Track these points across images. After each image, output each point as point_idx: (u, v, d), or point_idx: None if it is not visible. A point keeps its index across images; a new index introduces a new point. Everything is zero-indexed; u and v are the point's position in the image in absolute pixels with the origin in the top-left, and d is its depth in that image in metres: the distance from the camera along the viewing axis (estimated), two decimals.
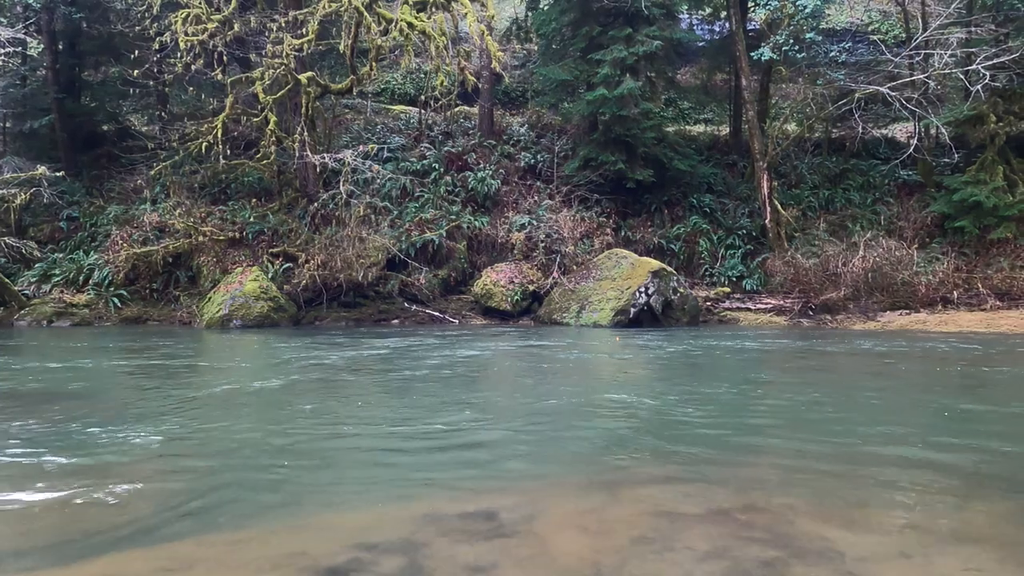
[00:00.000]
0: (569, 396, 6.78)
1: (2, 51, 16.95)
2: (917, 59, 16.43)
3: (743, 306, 15.63)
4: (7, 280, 15.29)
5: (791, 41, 15.92)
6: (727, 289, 16.27)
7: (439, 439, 4.77)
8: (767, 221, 16.82)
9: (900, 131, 19.75)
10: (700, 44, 22.15)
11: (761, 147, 17.18)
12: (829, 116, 18.11)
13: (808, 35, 15.81)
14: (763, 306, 15.47)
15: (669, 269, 14.99)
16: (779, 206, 17.03)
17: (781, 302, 15.34)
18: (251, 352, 10.43)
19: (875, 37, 18.98)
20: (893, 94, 15.69)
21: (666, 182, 17.89)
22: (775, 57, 16.27)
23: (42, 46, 19.22)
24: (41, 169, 16.62)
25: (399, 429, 5.01)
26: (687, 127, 22.21)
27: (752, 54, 16.74)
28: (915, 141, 16.08)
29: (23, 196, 16.86)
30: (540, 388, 7.33)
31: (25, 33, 18.07)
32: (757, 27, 19.02)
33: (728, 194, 18.60)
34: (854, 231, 16.43)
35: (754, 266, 16.67)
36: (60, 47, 18.95)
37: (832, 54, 16.97)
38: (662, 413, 5.83)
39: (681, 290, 14.78)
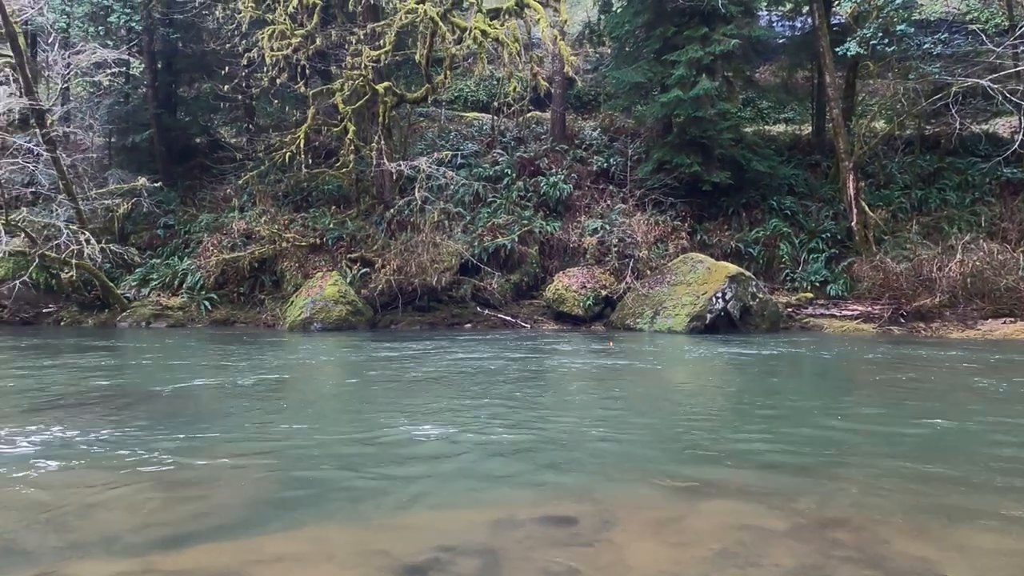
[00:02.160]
0: (643, 402, 6.66)
1: (109, 71, 18.26)
2: (1022, 49, 15.28)
3: (827, 312, 14.94)
4: (111, 284, 16.43)
5: (880, 34, 15.11)
6: (810, 295, 15.59)
7: (513, 442, 4.77)
8: (853, 223, 16.02)
9: (1003, 126, 18.42)
10: (780, 41, 21.38)
11: (847, 146, 16.40)
12: (922, 112, 17.08)
13: (899, 27, 14.96)
14: (849, 312, 14.73)
15: (747, 274, 14.52)
16: (866, 207, 16.19)
17: (869, 308, 14.56)
18: (331, 354, 10.78)
19: (974, 27, 17.73)
20: (995, 87, 14.65)
21: (744, 184, 17.34)
22: (862, 52, 15.49)
23: (143, 65, 20.58)
24: (141, 180, 17.82)
25: (473, 432, 5.04)
26: (766, 127, 21.48)
27: (837, 49, 16.00)
28: (1020, 136, 14.95)
29: (126, 206, 18.10)
30: (614, 394, 7.23)
31: (128, 54, 19.41)
32: (842, 21, 18.16)
33: (811, 196, 17.84)
34: (950, 233, 15.42)
35: (839, 271, 15.90)
36: (159, 66, 20.24)
37: (926, 46, 15.94)
38: (740, 422, 5.63)
39: (760, 295, 14.27)
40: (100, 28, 19.08)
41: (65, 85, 19.84)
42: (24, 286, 15.41)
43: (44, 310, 16.46)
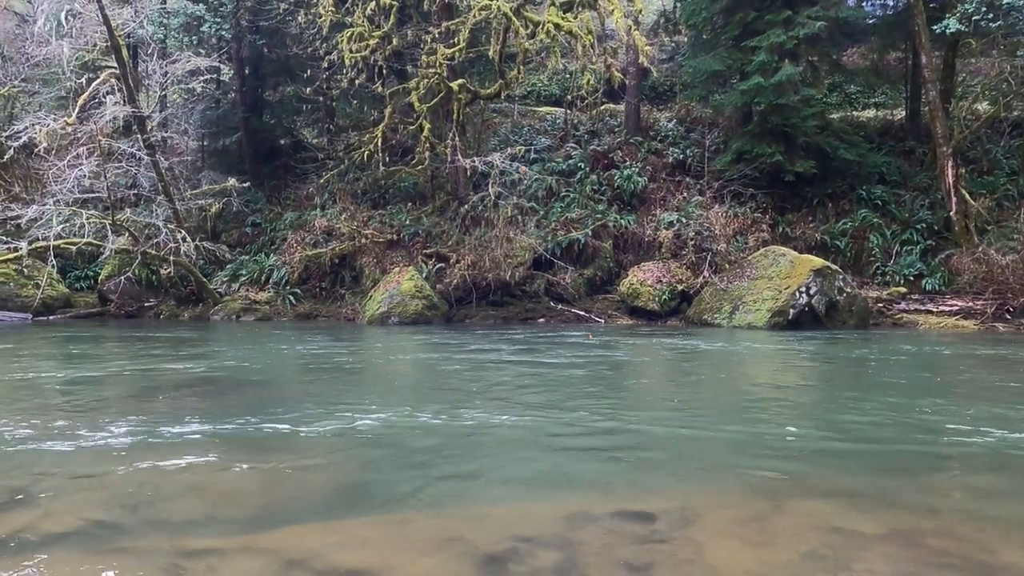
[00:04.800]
0: (724, 399, 6.47)
1: (202, 78, 19.30)
2: None
3: (922, 308, 14.07)
4: (204, 280, 17.40)
5: (983, 9, 14.07)
6: (903, 289, 14.73)
7: (590, 436, 4.74)
8: (952, 213, 15.01)
9: None
10: (870, 21, 20.22)
11: (945, 131, 15.36)
12: None
13: (1005, 0, 13.87)
14: (947, 308, 13.82)
15: (834, 267, 13.86)
16: (967, 196, 15.12)
17: (970, 304, 13.62)
18: (408, 346, 11.03)
19: None
20: None
21: (830, 173, 16.54)
22: (963, 28, 14.46)
23: (232, 72, 21.63)
24: (231, 181, 18.77)
25: (548, 424, 5.04)
26: (855, 113, 20.41)
27: (934, 27, 15.01)
28: None
29: (217, 205, 19.12)
30: (693, 389, 7.07)
31: (219, 61, 20.45)
32: None
33: (903, 184, 16.83)
34: None
35: (936, 264, 14.93)
36: (246, 72, 21.22)
37: None
38: (828, 421, 5.38)
39: (848, 290, 13.60)
40: (193, 38, 20.19)
41: (163, 92, 21.14)
42: (128, 282, 16.53)
43: (145, 304, 17.61)
